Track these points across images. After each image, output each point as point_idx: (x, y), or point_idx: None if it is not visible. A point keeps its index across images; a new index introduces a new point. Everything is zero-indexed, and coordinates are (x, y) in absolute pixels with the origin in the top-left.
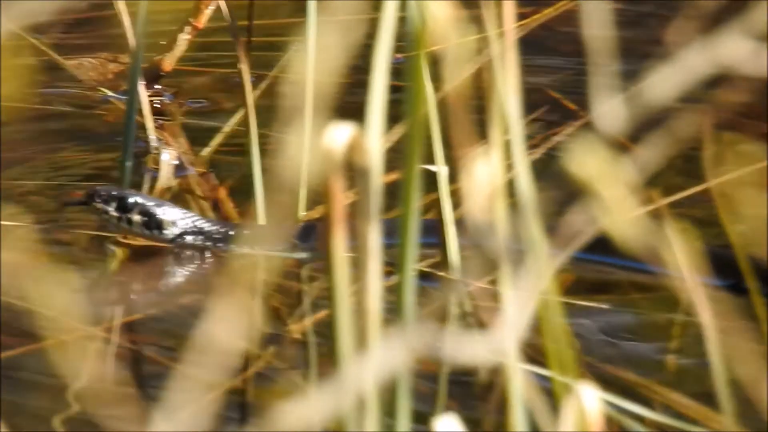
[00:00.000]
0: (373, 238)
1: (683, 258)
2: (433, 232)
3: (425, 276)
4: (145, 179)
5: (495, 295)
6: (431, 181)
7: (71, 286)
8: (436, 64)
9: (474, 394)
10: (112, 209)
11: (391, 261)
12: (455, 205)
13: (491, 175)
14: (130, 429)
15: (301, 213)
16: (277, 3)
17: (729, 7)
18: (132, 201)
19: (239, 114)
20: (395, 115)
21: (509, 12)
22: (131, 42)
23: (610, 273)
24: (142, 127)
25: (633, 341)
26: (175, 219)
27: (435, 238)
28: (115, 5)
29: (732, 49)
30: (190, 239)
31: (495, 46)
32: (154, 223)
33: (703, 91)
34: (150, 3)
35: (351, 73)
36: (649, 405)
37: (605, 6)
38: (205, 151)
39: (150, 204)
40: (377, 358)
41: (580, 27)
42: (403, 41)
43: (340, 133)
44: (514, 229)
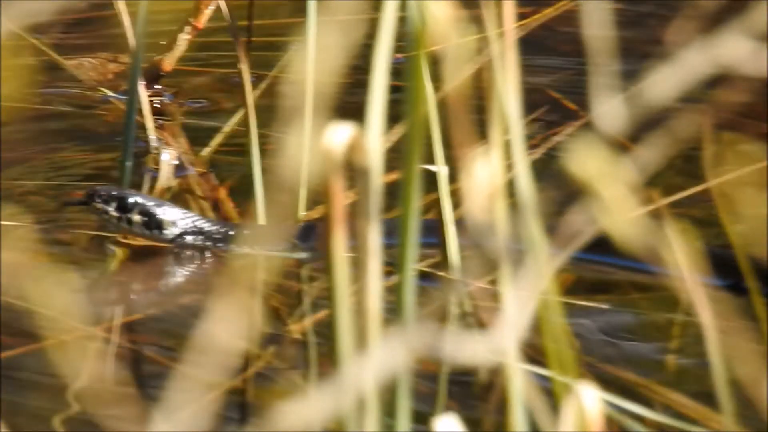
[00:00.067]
0: (373, 238)
1: (683, 258)
2: (433, 232)
3: (425, 276)
4: (145, 179)
5: (495, 295)
6: (431, 181)
7: (71, 286)
8: (436, 64)
9: (474, 394)
10: (112, 209)
11: (391, 261)
12: (455, 205)
13: (491, 175)
14: (130, 429)
15: (301, 213)
16: (277, 3)
17: (729, 7)
18: (132, 201)
19: (239, 114)
20: (395, 115)
21: (509, 12)
22: (131, 42)
23: (610, 273)
24: (142, 127)
25: (633, 341)
26: (175, 219)
27: (435, 238)
28: (115, 5)
29: (732, 49)
30: (190, 239)
31: (495, 46)
32: (154, 223)
33: (703, 91)
34: (150, 3)
35: (351, 73)
36: (649, 405)
37: (605, 6)
38: (205, 151)
39: (150, 204)
40: (377, 358)
41: (580, 27)
42: (403, 41)
43: (340, 133)
44: (514, 229)
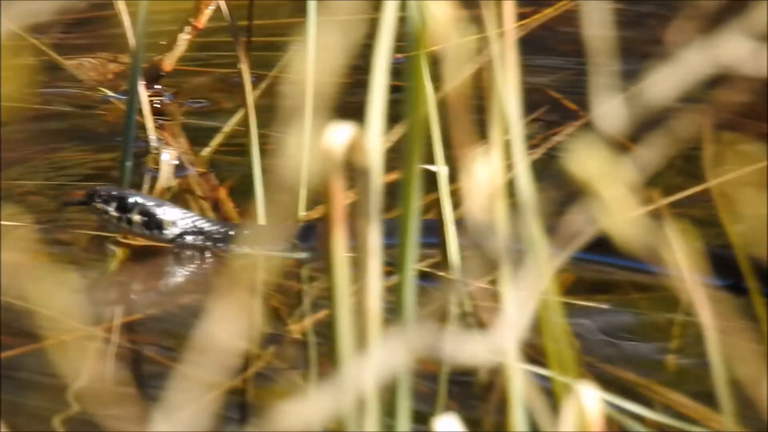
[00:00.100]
0: (373, 238)
1: (683, 258)
2: (433, 232)
3: (425, 276)
4: (145, 179)
5: (495, 295)
6: (431, 181)
7: (71, 286)
8: (436, 64)
9: (474, 394)
10: (112, 209)
11: (391, 261)
12: (455, 205)
13: (491, 175)
14: (130, 429)
15: (301, 213)
16: (277, 3)
17: (729, 7)
18: (132, 201)
19: (239, 114)
20: (395, 115)
21: (509, 12)
22: (131, 42)
23: (610, 273)
24: (142, 127)
25: (633, 341)
26: (175, 219)
27: (435, 238)
28: (115, 5)
29: (732, 49)
30: (190, 239)
31: (495, 46)
32: (154, 223)
33: (703, 91)
34: (150, 3)
35: (351, 73)
36: (649, 405)
37: (605, 6)
38: (205, 151)
39: (150, 204)
40: (377, 358)
41: (580, 27)
42: (403, 41)
43: (340, 133)
44: (514, 229)
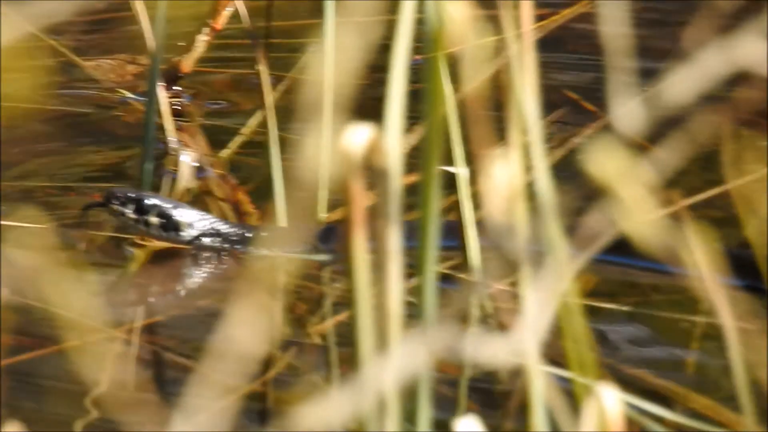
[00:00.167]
0: (394, 240)
1: (702, 259)
2: (454, 234)
3: (446, 278)
4: (165, 181)
5: (515, 296)
6: (451, 182)
7: (90, 288)
8: (454, 65)
9: (495, 395)
10: (129, 211)
11: (412, 263)
12: (475, 206)
13: (511, 176)
14: (150, 431)
15: (321, 214)
16: (295, 4)
17: (747, 8)
18: (149, 203)
19: (258, 115)
20: (414, 116)
21: (527, 13)
22: (150, 43)
23: (629, 274)
24: (161, 128)
25: (653, 343)
26: (192, 221)
27: (455, 239)
28: (134, 6)
29: (750, 48)
30: (208, 241)
31: (513, 47)
32: (171, 225)
33: (722, 91)
34: (168, 4)
35: (369, 74)
36: (670, 406)
37: (623, 6)
38: (225, 153)
39: (167, 206)
40: (398, 360)
41: (599, 27)
42: (421, 42)
43: (359, 135)
44: (534, 231)
